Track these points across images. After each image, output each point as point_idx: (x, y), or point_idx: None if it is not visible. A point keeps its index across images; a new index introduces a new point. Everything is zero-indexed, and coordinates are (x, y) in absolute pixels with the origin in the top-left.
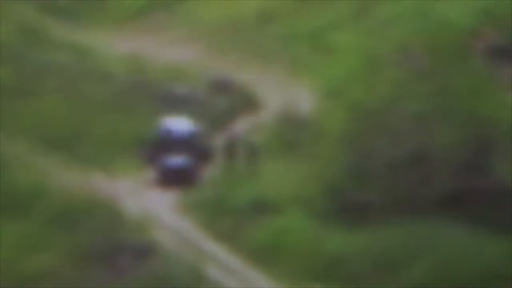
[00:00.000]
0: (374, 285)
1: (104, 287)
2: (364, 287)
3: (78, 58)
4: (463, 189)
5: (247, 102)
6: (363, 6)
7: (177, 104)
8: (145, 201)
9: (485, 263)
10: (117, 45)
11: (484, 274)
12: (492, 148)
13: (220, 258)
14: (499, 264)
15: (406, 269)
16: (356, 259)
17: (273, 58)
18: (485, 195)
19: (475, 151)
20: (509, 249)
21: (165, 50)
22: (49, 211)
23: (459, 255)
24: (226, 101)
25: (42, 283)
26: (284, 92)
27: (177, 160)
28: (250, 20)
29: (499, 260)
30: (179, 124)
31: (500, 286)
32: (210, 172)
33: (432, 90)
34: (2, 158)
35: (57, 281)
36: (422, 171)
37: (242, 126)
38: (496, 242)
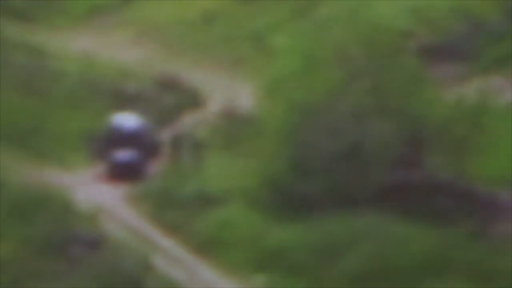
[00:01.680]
0: (314, 275)
1: (58, 275)
2: (305, 277)
3: (32, 57)
4: (397, 182)
5: (192, 100)
6: (302, 8)
7: (126, 101)
8: (96, 194)
9: (418, 252)
10: (70, 45)
11: (416, 262)
12: (424, 144)
13: (166, 248)
14: (431, 250)
15: (344, 258)
16: (297, 250)
17: (217, 58)
18: (417, 189)
19: (408, 147)
20: (440, 237)
21: (115, 50)
22: (5, 203)
23: (393, 245)
24: (173, 98)
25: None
26: (227, 90)
27: (125, 154)
28: (195, 21)
29: (430, 247)
30: (128, 120)
31: (430, 272)
32: (157, 166)
33: (367, 88)
34: None
35: (13, 270)
36: (359, 165)
37: (187, 122)
38: (428, 231)
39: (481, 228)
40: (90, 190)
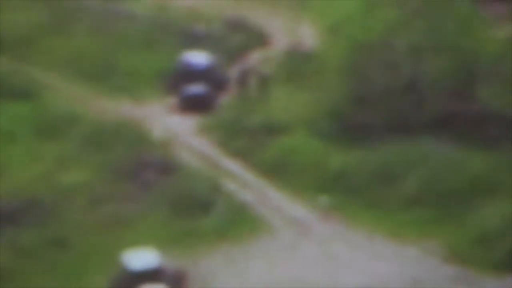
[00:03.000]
0: (373, 196)
1: (132, 198)
2: (364, 198)
3: (108, 1)
4: (452, 112)
5: (258, 39)
6: None
7: (196, 41)
8: (168, 125)
9: (471, 174)
10: None
11: (469, 183)
12: (477, 78)
13: (235, 173)
14: (482, 174)
15: (402, 181)
16: (357, 173)
17: (281, 1)
18: (470, 118)
19: (462, 80)
20: (490, 162)
21: None
22: (83, 133)
23: (448, 168)
24: (239, 37)
25: (77, 195)
26: (290, 30)
27: (196, 88)
28: None
29: (482, 171)
30: (198, 57)
31: (482, 193)
32: (226, 99)
33: (423, 26)
34: (42, 89)
35: (90, 194)
36: (415, 97)
37: (253, 59)
38: (479, 157)
39: None
40: (163, 122)
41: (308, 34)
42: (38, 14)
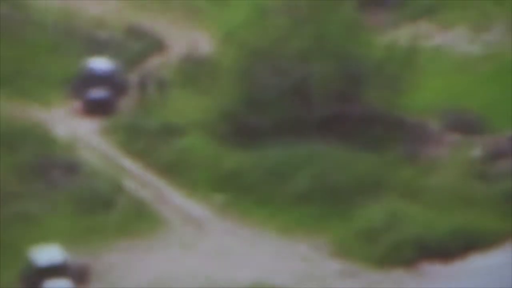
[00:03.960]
0: (266, 193)
1: (39, 196)
2: (257, 195)
3: (16, 9)
4: (338, 114)
5: (156, 45)
6: None
7: (99, 47)
8: (73, 127)
9: (357, 173)
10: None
11: (355, 182)
12: (362, 81)
13: (135, 173)
14: (368, 173)
15: (292, 180)
16: (249, 172)
17: (178, 10)
18: (356, 119)
19: (347, 83)
20: (375, 161)
21: (88, 3)
22: None
23: (335, 167)
24: (140, 44)
25: None
26: (187, 37)
27: (99, 93)
28: None
29: (367, 170)
30: (101, 63)
31: (367, 190)
32: (126, 103)
33: (310, 33)
34: None
35: (1, 191)
36: (304, 100)
37: (152, 65)
38: (365, 156)
39: (411, 152)
40: (68, 124)
41: (204, 41)
42: None
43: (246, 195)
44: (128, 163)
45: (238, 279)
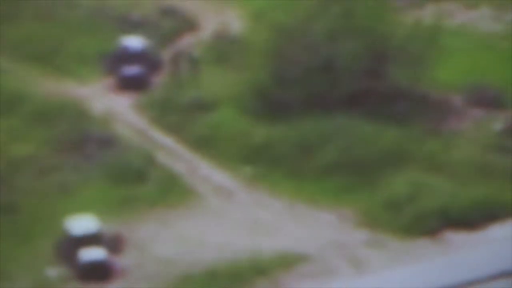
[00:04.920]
0: (294, 166)
1: (76, 168)
2: (285, 168)
3: None
4: (364, 90)
5: (188, 24)
6: None
7: (133, 26)
8: (108, 102)
9: (381, 146)
10: None
11: (380, 155)
12: (388, 59)
13: (168, 146)
14: (392, 146)
15: (319, 153)
16: (278, 146)
17: None
18: (381, 95)
19: (374, 61)
20: (399, 136)
21: None
22: (31, 110)
23: (361, 141)
24: (171, 23)
25: (26, 166)
26: (218, 16)
27: (132, 69)
28: None
29: (391, 144)
30: (134, 41)
31: (392, 163)
32: (159, 79)
33: (338, 12)
34: None
35: (37, 164)
36: (331, 77)
37: (184, 43)
38: (389, 130)
39: (435, 127)
40: (103, 100)
41: (234, 20)
42: None
43: (275, 167)
44: (161, 137)
45: (267, 248)
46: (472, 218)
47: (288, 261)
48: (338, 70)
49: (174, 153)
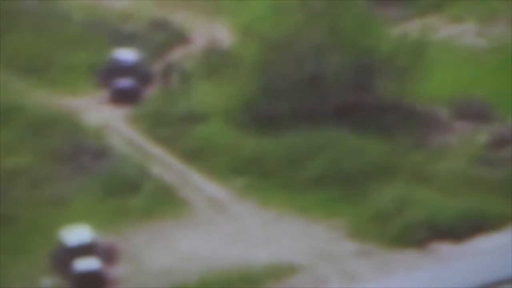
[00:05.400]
0: (283, 177)
1: (69, 179)
2: (275, 179)
3: (45, 3)
4: (351, 103)
5: (179, 37)
6: None
7: (125, 40)
8: (101, 114)
9: (369, 159)
10: None
11: (368, 167)
12: (374, 72)
13: (160, 158)
14: (379, 159)
15: (308, 165)
16: (268, 158)
17: (200, 4)
18: (368, 108)
19: (360, 74)
20: (386, 148)
21: None
22: (25, 122)
23: (348, 153)
24: (163, 36)
25: (21, 177)
26: (208, 30)
27: (125, 82)
28: None
29: (379, 156)
30: (126, 54)
31: (380, 175)
32: (151, 92)
33: (325, 26)
34: None
35: (32, 176)
36: (319, 90)
37: (175, 56)
38: (376, 143)
39: (421, 139)
40: (96, 112)
41: (224, 34)
42: None
43: (265, 179)
44: (153, 149)
45: (258, 259)
46: (458, 230)
47: (279, 272)
48: (326, 83)
49: (166, 165)
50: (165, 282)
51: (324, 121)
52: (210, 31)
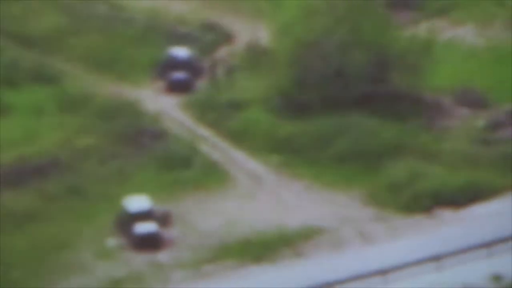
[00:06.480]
0: (313, 155)
1: (131, 157)
2: (306, 156)
3: (113, 8)
4: (370, 93)
5: (226, 37)
6: None
7: (179, 39)
8: (158, 102)
9: (384, 139)
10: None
11: (383, 146)
12: (389, 66)
13: (208, 138)
14: (393, 139)
15: (332, 144)
16: (299, 139)
17: (243, 8)
18: (384, 97)
19: (377, 68)
20: (399, 130)
21: (172, 3)
22: (94, 109)
23: (367, 135)
24: (212, 36)
25: (91, 154)
26: (250, 31)
27: (179, 75)
28: None
29: (392, 137)
30: (180, 51)
31: (393, 153)
32: (201, 83)
33: (348, 28)
34: (63, 75)
35: (100, 154)
36: (343, 82)
37: (222, 53)
38: (390, 126)
39: (428, 123)
40: (154, 100)
41: (263, 34)
42: (58, 18)
43: (296, 156)
44: (202, 131)
45: (290, 223)
46: (459, 199)
47: (308, 234)
48: (348, 76)
49: (213, 144)
50: (212, 242)
51: (347, 107)
52: (252, 32)
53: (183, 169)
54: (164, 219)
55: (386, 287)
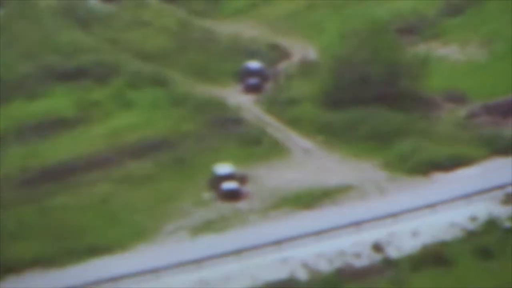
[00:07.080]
0: (345, 135)
1: (220, 138)
2: (341, 136)
3: (205, 33)
4: (384, 93)
5: (285, 54)
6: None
7: (252, 54)
8: (238, 99)
9: (395, 124)
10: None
11: (395, 129)
12: (398, 75)
13: (273, 124)
14: (402, 124)
15: (358, 128)
16: (336, 124)
17: (299, 32)
18: (395, 96)
19: (390, 76)
20: (406, 118)
21: (248, 29)
22: (192, 104)
23: (383, 121)
24: (275, 53)
25: (190, 136)
26: (303, 49)
27: (253, 80)
28: (289, 15)
29: (401, 123)
30: (254, 64)
31: (400, 134)
32: (268, 86)
33: (370, 48)
34: (170, 80)
35: (197, 136)
36: (366, 85)
37: (282, 65)
38: (399, 115)
39: (425, 113)
40: (235, 98)
41: (312, 51)
42: (168, 40)
43: (333, 137)
44: (269, 119)
45: (329, 182)
46: (448, 165)
47: (341, 189)
48: (369, 81)
49: (276, 128)
50: (276, 195)
51: (368, 103)
52: (304, 50)
53: (255, 145)
54: (242, 180)
55: (396, 224)
